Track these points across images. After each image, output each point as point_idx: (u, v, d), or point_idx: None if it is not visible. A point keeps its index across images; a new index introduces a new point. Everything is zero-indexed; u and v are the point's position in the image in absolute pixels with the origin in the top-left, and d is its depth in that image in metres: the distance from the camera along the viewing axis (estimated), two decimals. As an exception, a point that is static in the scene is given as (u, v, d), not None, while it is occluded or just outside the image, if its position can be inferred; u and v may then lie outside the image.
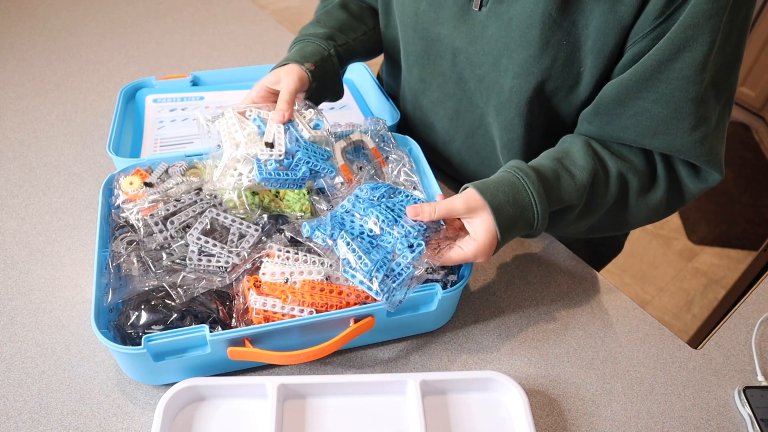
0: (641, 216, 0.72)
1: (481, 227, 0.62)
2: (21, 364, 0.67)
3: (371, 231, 0.64)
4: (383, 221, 0.63)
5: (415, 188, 0.79)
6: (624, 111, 0.67)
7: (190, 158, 0.81)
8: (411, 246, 0.62)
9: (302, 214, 0.75)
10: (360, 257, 0.61)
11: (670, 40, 0.60)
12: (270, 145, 0.70)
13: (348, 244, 0.62)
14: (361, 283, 0.61)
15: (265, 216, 0.72)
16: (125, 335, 0.62)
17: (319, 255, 0.70)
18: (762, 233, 2.11)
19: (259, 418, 0.63)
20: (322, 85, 0.82)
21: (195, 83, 1.05)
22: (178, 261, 0.67)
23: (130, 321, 0.62)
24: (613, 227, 0.75)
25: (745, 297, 0.80)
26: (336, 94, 0.88)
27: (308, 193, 0.79)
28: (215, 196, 0.73)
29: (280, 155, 0.70)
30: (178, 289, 0.64)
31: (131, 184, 0.74)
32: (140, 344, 0.59)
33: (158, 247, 0.67)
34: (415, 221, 0.63)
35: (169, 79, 1.03)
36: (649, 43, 0.63)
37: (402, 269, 0.61)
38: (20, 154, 0.96)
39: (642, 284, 1.93)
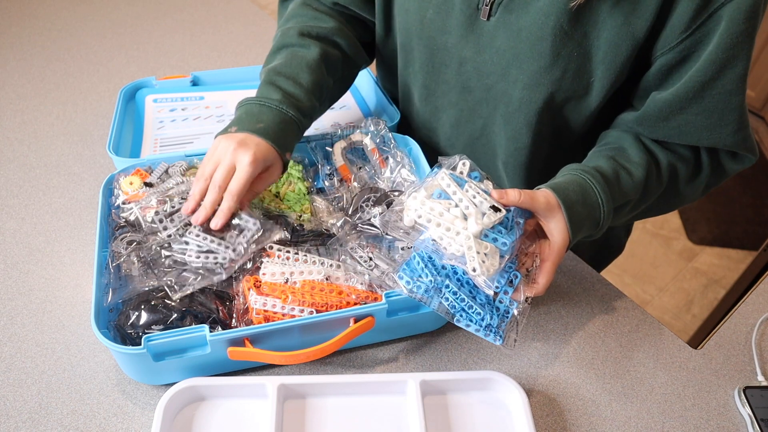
0: (686, 199, 0.74)
1: (556, 228, 0.62)
2: (21, 364, 0.67)
3: (464, 272, 0.59)
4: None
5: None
6: (668, 124, 0.68)
7: (190, 158, 0.81)
8: (510, 281, 0.61)
9: (302, 213, 0.75)
10: (470, 306, 0.59)
11: (711, 61, 0.61)
12: (497, 209, 0.60)
13: (455, 293, 0.59)
14: (477, 331, 0.59)
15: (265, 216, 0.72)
16: (125, 335, 0.62)
17: (319, 255, 0.70)
18: (762, 233, 2.11)
19: (259, 418, 0.63)
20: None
21: (195, 83, 1.05)
22: (178, 259, 0.66)
23: (130, 321, 0.62)
24: (658, 212, 0.77)
25: (745, 297, 0.80)
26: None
27: (308, 193, 0.79)
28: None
29: (501, 216, 0.60)
30: (175, 285, 0.64)
31: (131, 184, 0.74)
32: (140, 344, 0.59)
33: (158, 247, 0.67)
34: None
35: (169, 79, 1.03)
36: (677, 55, 0.64)
37: (507, 307, 0.60)
38: (20, 154, 0.96)
39: (642, 284, 1.93)
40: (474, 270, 0.56)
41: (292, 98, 0.72)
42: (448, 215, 0.59)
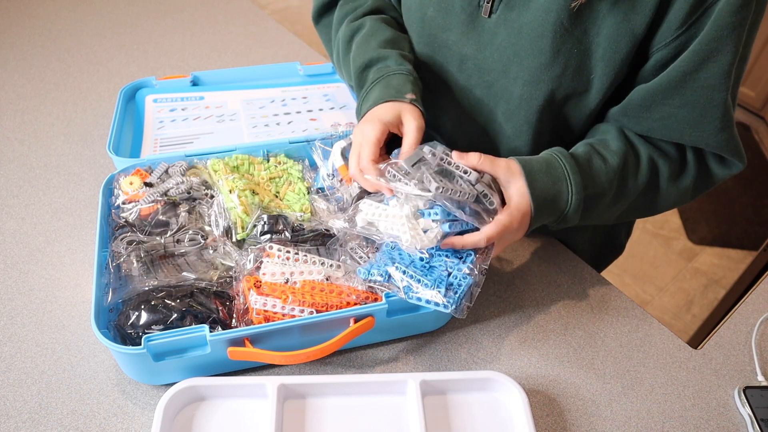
0: (670, 200, 0.74)
1: (516, 192, 0.65)
2: (21, 364, 0.67)
3: (422, 258, 0.65)
4: (429, 249, 0.66)
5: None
6: (650, 115, 0.68)
7: (190, 158, 0.81)
8: (461, 257, 0.65)
9: (302, 213, 0.75)
10: (419, 280, 0.63)
11: (694, 52, 0.62)
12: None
13: (404, 272, 0.64)
14: (427, 302, 0.62)
15: (264, 216, 0.72)
16: (125, 335, 0.62)
17: (319, 255, 0.70)
18: (762, 233, 2.11)
19: (259, 418, 0.63)
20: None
21: (195, 83, 1.05)
22: (179, 253, 0.66)
23: (130, 321, 0.62)
24: (643, 212, 0.77)
25: (745, 297, 0.80)
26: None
27: (308, 192, 0.79)
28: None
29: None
30: (177, 287, 0.64)
31: (131, 184, 0.74)
32: (140, 344, 0.59)
33: (160, 249, 0.68)
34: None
35: (169, 79, 1.03)
36: (672, 51, 0.64)
37: (460, 281, 0.63)
38: (20, 154, 0.96)
39: (642, 284, 1.93)
40: (407, 241, 0.62)
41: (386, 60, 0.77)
42: (391, 209, 0.65)
